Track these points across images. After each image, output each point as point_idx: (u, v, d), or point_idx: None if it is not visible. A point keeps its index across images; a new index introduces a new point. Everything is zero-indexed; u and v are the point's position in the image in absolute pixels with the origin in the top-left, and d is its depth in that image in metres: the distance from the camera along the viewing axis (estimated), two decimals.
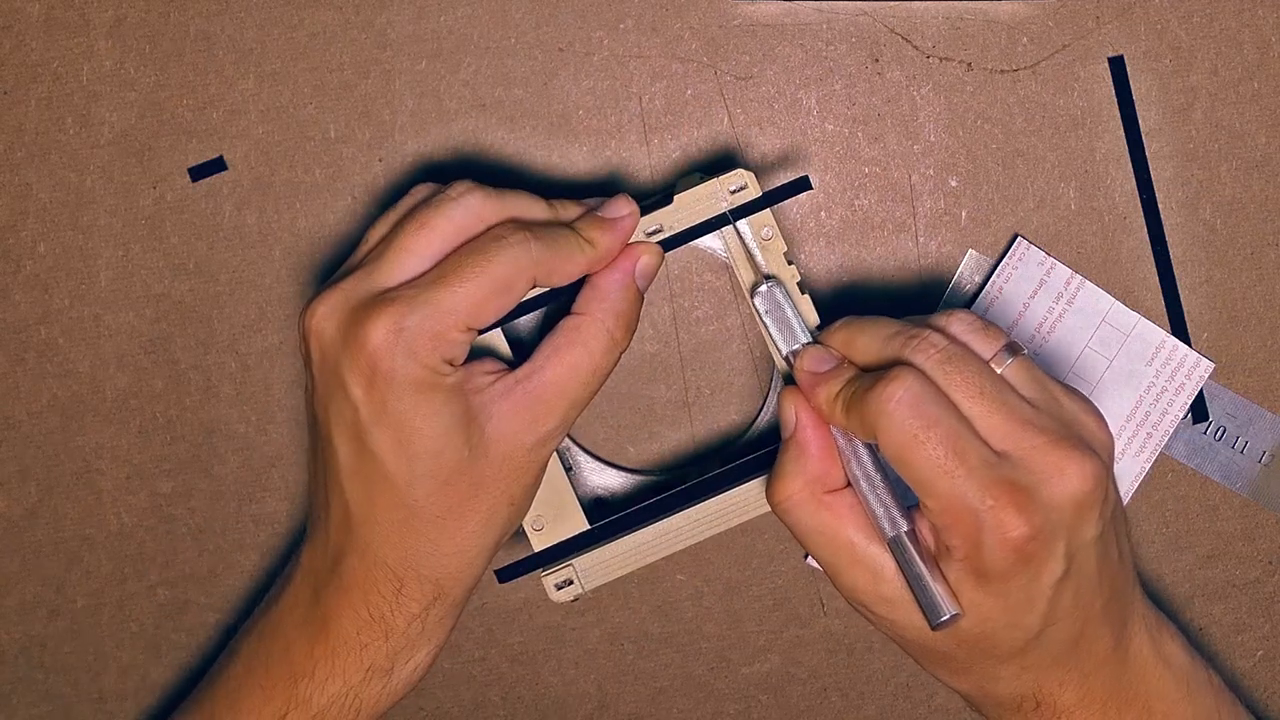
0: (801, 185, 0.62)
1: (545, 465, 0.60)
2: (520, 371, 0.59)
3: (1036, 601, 0.56)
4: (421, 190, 0.60)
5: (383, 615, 0.59)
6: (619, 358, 0.60)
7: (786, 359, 0.61)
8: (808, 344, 0.61)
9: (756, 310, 0.62)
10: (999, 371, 0.57)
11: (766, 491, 0.60)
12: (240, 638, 0.64)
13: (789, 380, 0.61)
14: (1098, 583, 0.57)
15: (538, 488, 0.61)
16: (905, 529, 0.57)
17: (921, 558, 0.56)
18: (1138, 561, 0.68)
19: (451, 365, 0.57)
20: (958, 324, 0.58)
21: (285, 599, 0.62)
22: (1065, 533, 0.56)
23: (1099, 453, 0.57)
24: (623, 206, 0.61)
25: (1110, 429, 0.58)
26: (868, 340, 0.59)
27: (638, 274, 0.60)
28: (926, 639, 0.58)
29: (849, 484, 0.59)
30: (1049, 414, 0.57)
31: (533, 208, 0.60)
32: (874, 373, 0.57)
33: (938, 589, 0.56)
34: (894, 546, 0.57)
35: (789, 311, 0.62)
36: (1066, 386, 0.59)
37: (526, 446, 0.58)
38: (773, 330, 0.62)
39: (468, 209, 0.58)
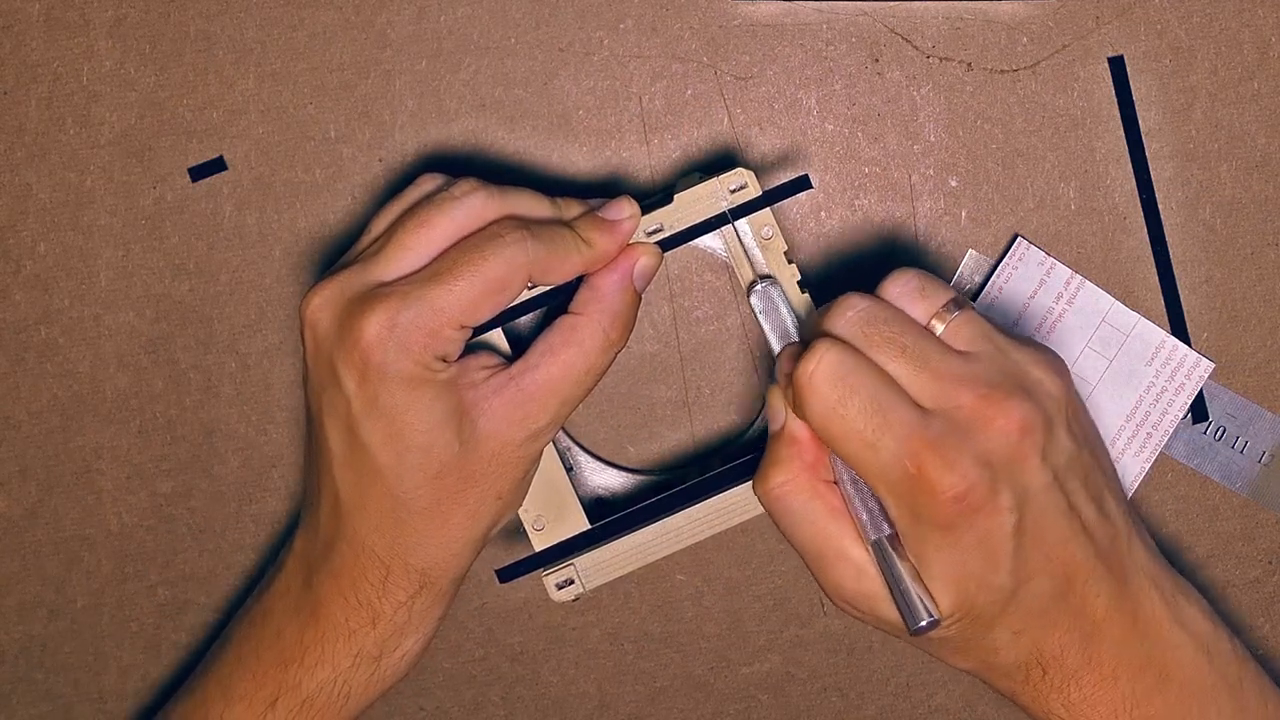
0: (801, 184, 0.62)
1: (536, 461, 0.60)
2: (515, 368, 0.59)
3: (997, 558, 0.56)
4: (427, 182, 0.61)
5: (370, 601, 0.60)
6: (614, 357, 0.60)
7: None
8: (787, 344, 0.61)
9: (753, 309, 0.62)
10: (942, 328, 0.57)
11: (757, 481, 0.59)
12: (233, 624, 0.64)
13: None
14: (1068, 533, 0.57)
15: (528, 484, 0.61)
16: (887, 533, 0.57)
17: (902, 562, 0.56)
18: None
19: (444, 361, 0.58)
20: (894, 287, 0.58)
21: (277, 585, 0.63)
22: (1006, 483, 0.55)
23: (1041, 400, 0.56)
24: (624, 209, 0.61)
25: (1068, 378, 0.58)
26: (809, 325, 0.59)
27: (636, 275, 0.60)
28: None
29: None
30: (987, 365, 0.56)
31: (536, 206, 0.60)
32: None
33: (917, 594, 0.56)
34: (876, 550, 0.57)
35: (784, 311, 0.62)
36: (1021, 339, 0.58)
37: (517, 442, 0.58)
38: (768, 329, 0.62)
39: (470, 209, 0.58)
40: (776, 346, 0.62)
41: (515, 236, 0.57)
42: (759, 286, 0.62)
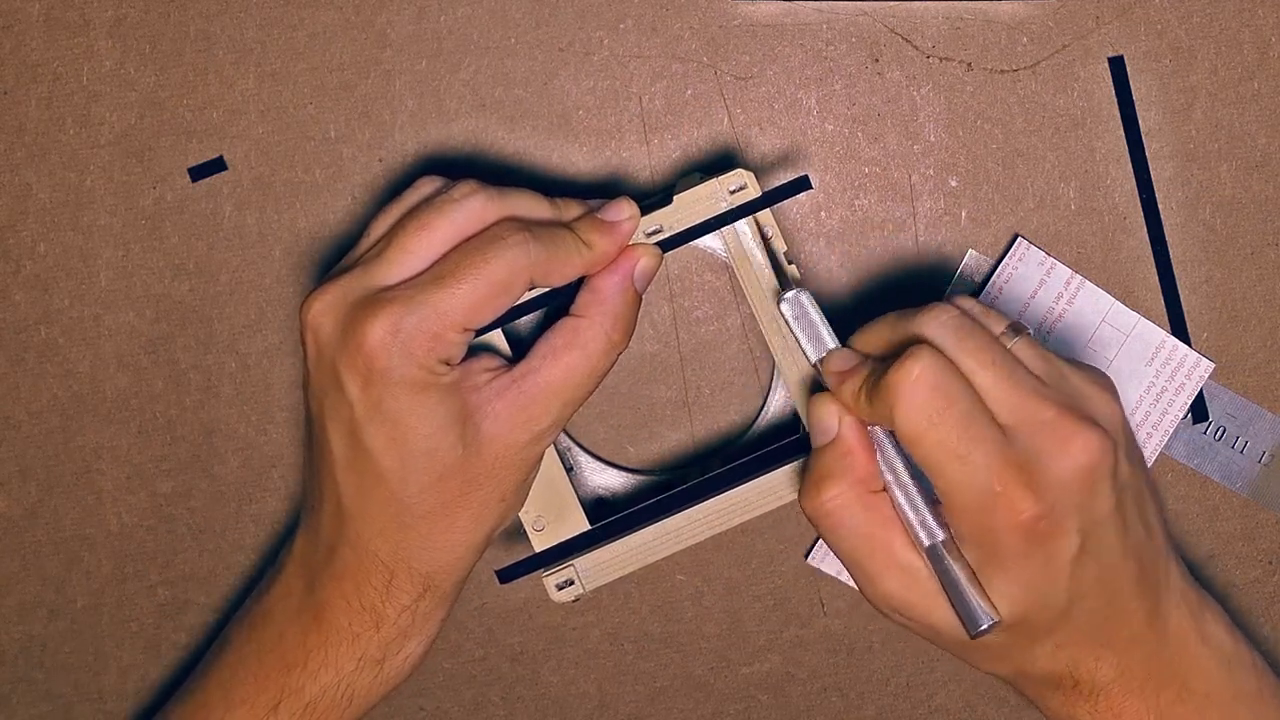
0: (801, 185, 0.62)
1: (538, 462, 0.60)
2: (517, 370, 0.59)
3: (1058, 578, 0.56)
4: (426, 185, 0.60)
5: (374, 605, 0.60)
6: (616, 358, 0.60)
7: (815, 365, 0.61)
8: (834, 348, 0.60)
9: (784, 317, 0.61)
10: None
11: (807, 496, 0.58)
12: (232, 626, 0.64)
13: (818, 387, 0.61)
14: (1121, 556, 0.57)
15: (530, 485, 0.61)
16: (941, 538, 0.56)
17: (959, 565, 0.56)
18: None
19: (448, 365, 0.57)
20: (962, 305, 0.59)
21: (277, 588, 0.63)
22: (1075, 509, 0.55)
23: (1106, 426, 0.56)
24: (624, 210, 0.61)
25: (1121, 402, 0.58)
26: (880, 331, 0.59)
27: (636, 276, 0.60)
28: (965, 636, 0.58)
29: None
30: (1055, 388, 0.57)
31: (535, 207, 0.60)
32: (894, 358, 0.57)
33: (975, 597, 0.56)
34: (930, 555, 0.57)
35: (816, 317, 0.61)
36: (1074, 362, 0.59)
37: (520, 445, 0.58)
38: (801, 337, 0.61)
39: (470, 212, 0.58)
40: (813, 354, 0.60)
41: (517, 239, 0.57)
42: (788, 294, 0.61)
